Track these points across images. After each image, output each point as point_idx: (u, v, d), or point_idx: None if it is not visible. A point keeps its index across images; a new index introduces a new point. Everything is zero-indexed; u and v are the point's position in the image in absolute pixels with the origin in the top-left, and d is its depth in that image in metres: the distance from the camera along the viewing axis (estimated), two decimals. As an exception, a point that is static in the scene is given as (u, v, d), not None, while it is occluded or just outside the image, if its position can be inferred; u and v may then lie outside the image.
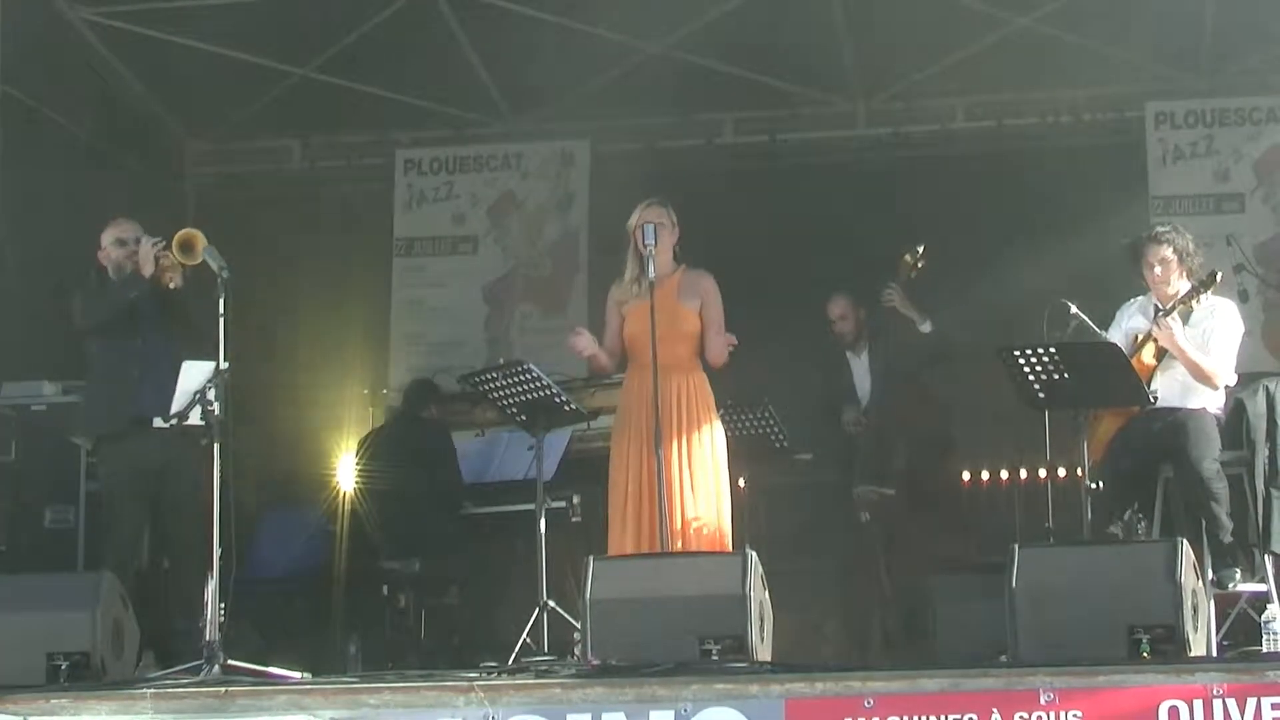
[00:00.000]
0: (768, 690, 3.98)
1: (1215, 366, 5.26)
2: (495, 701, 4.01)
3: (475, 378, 5.70)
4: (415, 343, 8.22)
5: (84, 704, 4.19)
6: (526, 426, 5.58)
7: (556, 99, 8.16)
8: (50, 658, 4.60)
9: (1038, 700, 3.82)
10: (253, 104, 8.25)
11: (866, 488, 6.46)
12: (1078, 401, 5.13)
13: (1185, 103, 7.73)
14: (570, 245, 8.25)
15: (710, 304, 5.29)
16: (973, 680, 3.93)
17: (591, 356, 5.37)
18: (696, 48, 7.63)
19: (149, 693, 4.21)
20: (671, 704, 3.94)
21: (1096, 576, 4.36)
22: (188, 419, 4.98)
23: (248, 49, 7.64)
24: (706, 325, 5.27)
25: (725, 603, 4.46)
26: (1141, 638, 4.19)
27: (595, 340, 5.34)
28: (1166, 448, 5.24)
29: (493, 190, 8.33)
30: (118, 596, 4.86)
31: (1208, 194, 7.63)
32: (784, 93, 7.98)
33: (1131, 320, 5.48)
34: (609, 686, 4.07)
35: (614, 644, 4.43)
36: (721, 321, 5.30)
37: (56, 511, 6.44)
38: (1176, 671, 3.89)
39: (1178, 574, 4.25)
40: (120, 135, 7.95)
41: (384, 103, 8.11)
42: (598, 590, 4.57)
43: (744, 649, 4.41)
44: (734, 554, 4.73)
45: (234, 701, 4.15)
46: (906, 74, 7.89)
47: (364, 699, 4.09)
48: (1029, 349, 5.04)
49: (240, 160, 8.64)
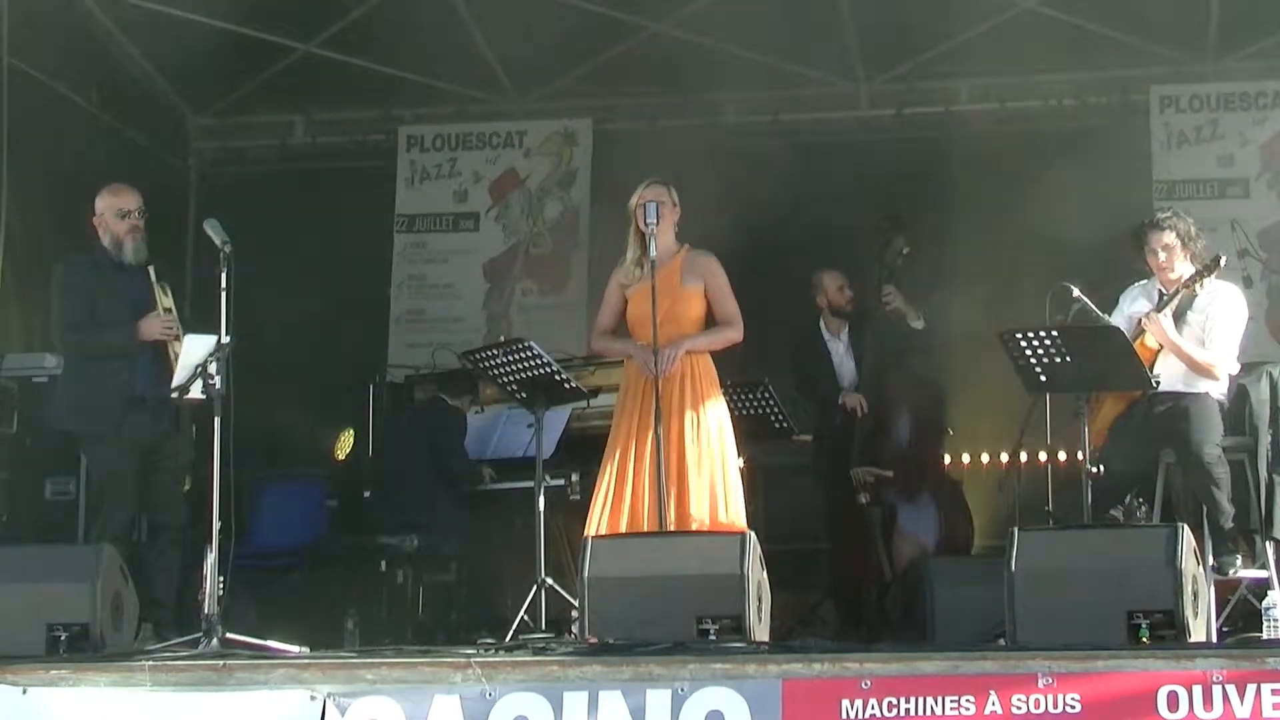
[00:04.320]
0: (765, 670, 3.95)
1: (1213, 357, 5.22)
2: (492, 678, 3.98)
3: (475, 354, 5.67)
4: (415, 319, 8.20)
5: (83, 675, 4.17)
6: (526, 404, 5.55)
7: (560, 76, 8.11)
8: (50, 629, 4.59)
9: (1036, 684, 3.79)
10: (255, 79, 8.20)
11: (864, 469, 6.42)
12: (1079, 385, 5.08)
13: (1190, 86, 7.68)
14: (571, 223, 8.22)
15: (715, 283, 5.22)
16: (971, 663, 3.91)
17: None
18: (700, 26, 7.56)
19: (148, 665, 4.19)
20: (668, 683, 3.92)
21: (1096, 561, 4.33)
22: (189, 392, 4.93)
23: (251, 24, 7.58)
24: (714, 304, 5.21)
25: (723, 582, 4.44)
26: (1141, 623, 4.16)
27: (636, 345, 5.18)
28: (1168, 432, 5.20)
29: (495, 167, 8.30)
30: (118, 569, 4.85)
31: (1212, 178, 7.57)
32: (787, 73, 7.92)
33: (1135, 304, 5.43)
34: (606, 665, 4.04)
35: (611, 622, 4.40)
36: (728, 298, 5.21)
37: (57, 483, 6.42)
38: (1176, 657, 3.85)
39: (1178, 559, 4.22)
40: (124, 110, 7.90)
41: (387, 79, 8.06)
42: (596, 568, 4.54)
43: (741, 629, 4.39)
44: (732, 534, 4.70)
45: (232, 675, 4.13)
46: (910, 55, 7.83)
47: (361, 674, 4.07)
48: (1031, 332, 5.00)
49: (243, 136, 8.60)
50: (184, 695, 4.10)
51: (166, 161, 8.34)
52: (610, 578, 4.52)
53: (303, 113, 8.52)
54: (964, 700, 3.81)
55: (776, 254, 7.49)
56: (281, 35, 7.84)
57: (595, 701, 3.91)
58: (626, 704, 3.90)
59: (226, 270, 4.88)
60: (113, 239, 5.49)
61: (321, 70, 8.01)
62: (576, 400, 5.72)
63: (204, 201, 8.18)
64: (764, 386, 6.33)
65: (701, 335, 5.21)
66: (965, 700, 3.81)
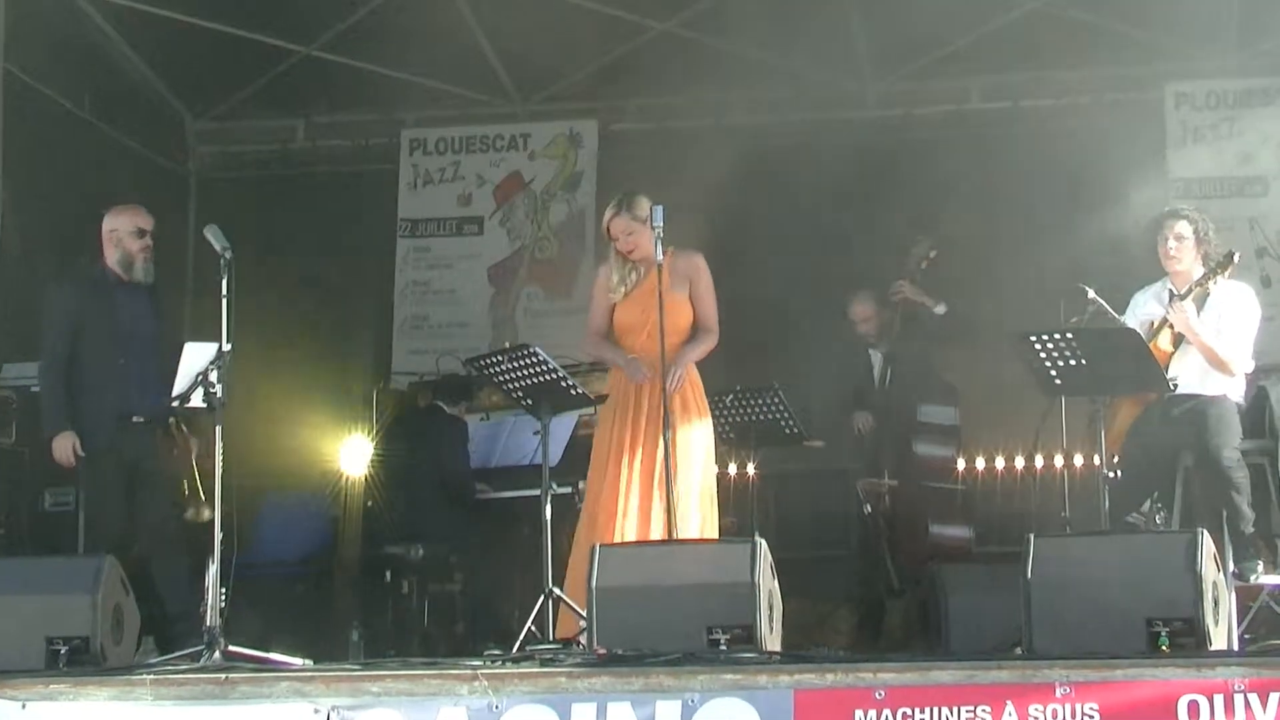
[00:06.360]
0: (777, 681, 3.93)
1: (1231, 353, 5.20)
2: (499, 690, 3.97)
3: (480, 361, 5.66)
4: (419, 325, 8.21)
5: (83, 689, 4.15)
6: (532, 410, 5.54)
7: (564, 78, 8.11)
8: (49, 642, 4.57)
9: (1053, 694, 3.76)
10: (256, 82, 8.21)
11: (869, 479, 6.42)
12: (1095, 388, 5.07)
13: (1206, 83, 7.65)
14: (577, 226, 8.21)
15: (700, 286, 5.17)
16: (987, 672, 3.88)
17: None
18: (707, 26, 7.56)
19: (149, 678, 4.18)
20: (679, 694, 3.90)
21: (1114, 568, 4.31)
22: (189, 401, 4.94)
23: (250, 26, 7.60)
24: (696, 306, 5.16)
25: (734, 591, 4.42)
26: (1160, 631, 4.13)
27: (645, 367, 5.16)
28: (1186, 436, 5.19)
29: (499, 170, 8.30)
30: (118, 581, 4.83)
31: (1229, 176, 7.55)
32: (793, 73, 7.92)
33: (1146, 307, 5.42)
34: (615, 676, 4.02)
35: (620, 633, 4.39)
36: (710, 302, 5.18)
37: (56, 494, 6.42)
38: (1197, 665, 3.82)
39: (1198, 565, 4.20)
40: (121, 114, 7.91)
41: (389, 81, 8.06)
42: (603, 578, 4.53)
43: (753, 639, 4.37)
44: (743, 541, 4.69)
45: (235, 688, 4.12)
46: (919, 53, 7.82)
47: (366, 686, 4.06)
48: (1045, 334, 4.99)
49: (242, 140, 8.61)
50: (186, 709, 4.08)
51: (165, 167, 8.35)
52: (619, 587, 4.50)
53: (304, 116, 8.53)
54: (980, 710, 3.78)
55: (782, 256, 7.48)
56: (282, 37, 7.85)
57: (604, 713, 3.89)
58: (636, 715, 3.89)
59: (227, 277, 4.88)
60: (123, 255, 5.54)
61: (322, 73, 8.03)
62: (583, 406, 5.71)
63: (204, 207, 8.19)
64: (774, 391, 6.32)
65: (693, 348, 5.18)
66: (981, 710, 3.78)
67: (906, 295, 6.49)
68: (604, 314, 5.30)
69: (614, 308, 5.26)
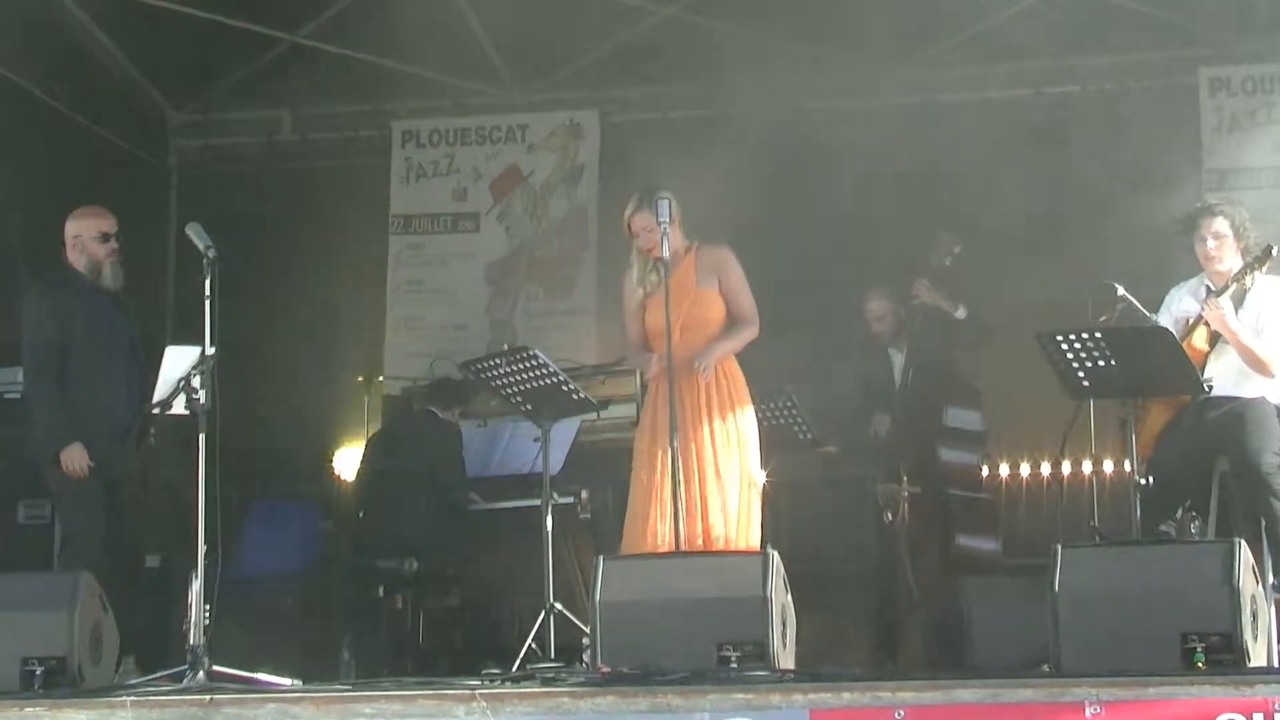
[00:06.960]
0: (791, 700, 3.94)
1: (1271, 353, 5.20)
2: (498, 711, 3.99)
3: (478, 364, 5.67)
4: (413, 326, 8.20)
5: (60, 712, 4.17)
6: (532, 416, 5.55)
7: (563, 66, 8.11)
8: (24, 662, 4.60)
9: (1083, 713, 3.77)
10: (239, 72, 8.22)
11: (890, 485, 6.42)
12: (1125, 390, 5.07)
13: (1243, 67, 7.62)
14: (579, 222, 8.21)
15: (730, 280, 5.27)
16: (1012, 691, 3.89)
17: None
18: (712, 10, 7.56)
19: (129, 700, 4.19)
20: (688, 714, 3.92)
21: (1146, 580, 4.32)
22: (170, 408, 4.95)
23: (233, 13, 7.61)
24: (729, 300, 5.24)
25: (745, 605, 4.43)
26: (1196, 646, 4.15)
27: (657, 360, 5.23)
28: (1222, 440, 5.19)
29: (496, 164, 8.30)
30: (96, 598, 4.85)
31: (1268, 166, 7.52)
32: (808, 58, 7.91)
33: (1181, 304, 5.42)
34: (620, 695, 4.04)
35: (626, 650, 4.40)
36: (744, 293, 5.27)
37: (30, 507, 6.44)
38: (1234, 683, 3.83)
39: (1235, 577, 4.21)
40: (98, 107, 7.92)
41: (379, 71, 8.07)
42: (608, 592, 4.54)
43: (765, 656, 4.39)
44: (754, 553, 4.69)
45: (219, 710, 4.14)
46: (940, 38, 7.81)
47: (358, 708, 4.08)
48: (1072, 333, 4.99)
49: (226, 132, 8.62)
50: (168, 732, 4.10)
51: (145, 162, 8.36)
52: (624, 601, 4.51)
53: (290, 108, 8.53)
54: (1006, 731, 3.80)
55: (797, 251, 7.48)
56: (266, 25, 7.85)
57: (609, 735, 3.91)
58: (642, 737, 3.90)
59: (210, 277, 4.90)
60: (90, 262, 5.55)
61: (309, 62, 8.04)
62: (586, 412, 5.72)
63: (185, 204, 8.20)
64: (786, 396, 6.33)
65: (727, 340, 5.25)
66: (1007, 731, 3.80)
67: (924, 298, 6.48)
68: (636, 319, 5.36)
69: (644, 310, 5.29)
